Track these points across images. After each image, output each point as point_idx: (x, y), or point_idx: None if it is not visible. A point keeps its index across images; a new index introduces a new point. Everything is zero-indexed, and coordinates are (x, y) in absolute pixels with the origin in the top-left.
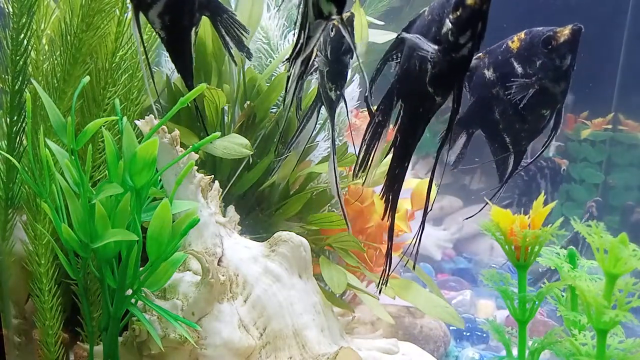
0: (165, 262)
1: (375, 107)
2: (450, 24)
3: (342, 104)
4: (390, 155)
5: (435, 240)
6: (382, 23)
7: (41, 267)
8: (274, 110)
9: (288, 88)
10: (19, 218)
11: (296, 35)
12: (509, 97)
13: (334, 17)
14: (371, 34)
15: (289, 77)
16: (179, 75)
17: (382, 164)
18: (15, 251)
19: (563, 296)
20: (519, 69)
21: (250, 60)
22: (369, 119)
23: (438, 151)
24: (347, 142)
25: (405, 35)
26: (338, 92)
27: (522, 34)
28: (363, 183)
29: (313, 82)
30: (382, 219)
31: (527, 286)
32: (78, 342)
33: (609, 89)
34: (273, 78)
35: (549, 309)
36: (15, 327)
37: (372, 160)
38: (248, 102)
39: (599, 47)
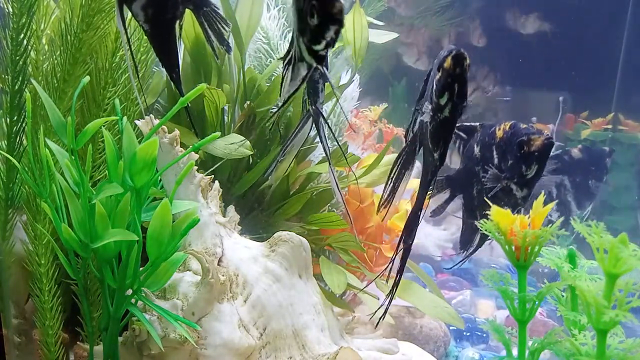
0: (165, 262)
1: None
2: (434, 85)
3: (343, 102)
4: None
5: (435, 240)
6: (381, 23)
7: (41, 267)
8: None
9: (283, 94)
10: (19, 218)
11: (289, 42)
12: (483, 180)
13: (315, 66)
14: (371, 33)
15: (283, 77)
16: (164, 69)
17: (382, 164)
18: (15, 251)
19: (563, 296)
20: (496, 159)
21: (229, 54)
22: (368, 119)
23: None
24: (347, 142)
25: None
26: (313, 107)
27: (507, 125)
28: (383, 219)
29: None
30: (396, 253)
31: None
32: (78, 342)
33: (609, 89)
34: (273, 78)
35: (549, 309)
36: (15, 327)
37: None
38: (248, 102)
39: (599, 47)
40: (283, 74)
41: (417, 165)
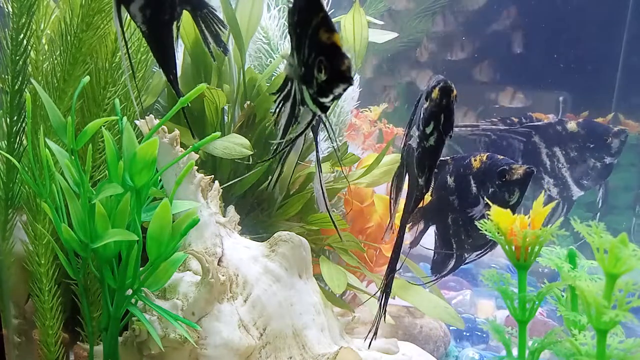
0: (165, 262)
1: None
2: (422, 113)
3: (343, 101)
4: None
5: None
6: (382, 23)
7: (41, 267)
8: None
9: (278, 128)
10: (19, 218)
11: (284, 79)
12: (462, 208)
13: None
14: (371, 33)
15: (277, 112)
16: (161, 70)
17: (382, 164)
18: (15, 251)
19: (563, 296)
20: (474, 189)
21: (226, 55)
22: (368, 119)
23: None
24: (347, 142)
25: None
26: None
27: (484, 156)
28: (387, 233)
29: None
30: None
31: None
32: (78, 342)
33: (609, 89)
34: (273, 78)
35: (549, 309)
36: (15, 327)
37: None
38: (248, 102)
39: (599, 47)
40: (277, 110)
41: None
